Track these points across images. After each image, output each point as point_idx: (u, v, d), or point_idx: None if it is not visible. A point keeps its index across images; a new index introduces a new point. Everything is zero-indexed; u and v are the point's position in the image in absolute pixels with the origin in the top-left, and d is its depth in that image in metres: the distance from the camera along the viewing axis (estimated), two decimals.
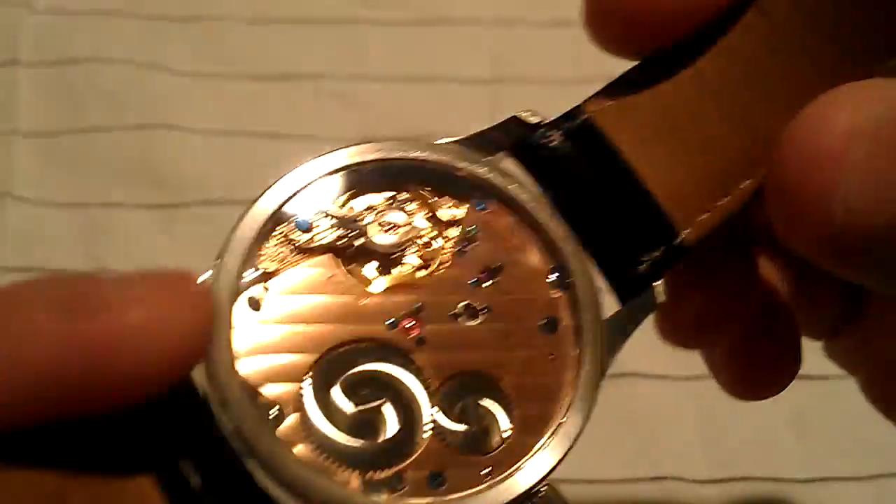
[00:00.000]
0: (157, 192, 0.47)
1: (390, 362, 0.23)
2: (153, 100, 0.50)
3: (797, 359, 0.30)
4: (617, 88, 0.26)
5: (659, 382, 0.43)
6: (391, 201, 0.25)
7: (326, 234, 0.24)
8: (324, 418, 0.22)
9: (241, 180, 0.48)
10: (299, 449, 0.22)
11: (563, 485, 0.41)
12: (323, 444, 0.22)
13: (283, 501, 0.21)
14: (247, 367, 0.22)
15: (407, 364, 0.23)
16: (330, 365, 0.23)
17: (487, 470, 0.23)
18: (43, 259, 0.46)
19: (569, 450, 0.23)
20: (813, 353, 0.44)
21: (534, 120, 0.25)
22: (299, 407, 0.22)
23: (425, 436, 0.23)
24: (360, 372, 0.23)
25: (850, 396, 0.43)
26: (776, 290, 0.30)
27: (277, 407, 0.22)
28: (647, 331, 0.45)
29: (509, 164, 0.25)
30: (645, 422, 0.42)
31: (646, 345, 0.34)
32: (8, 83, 0.50)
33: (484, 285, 0.24)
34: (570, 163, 0.25)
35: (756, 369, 0.29)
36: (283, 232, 0.24)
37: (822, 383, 0.43)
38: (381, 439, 0.23)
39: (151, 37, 0.52)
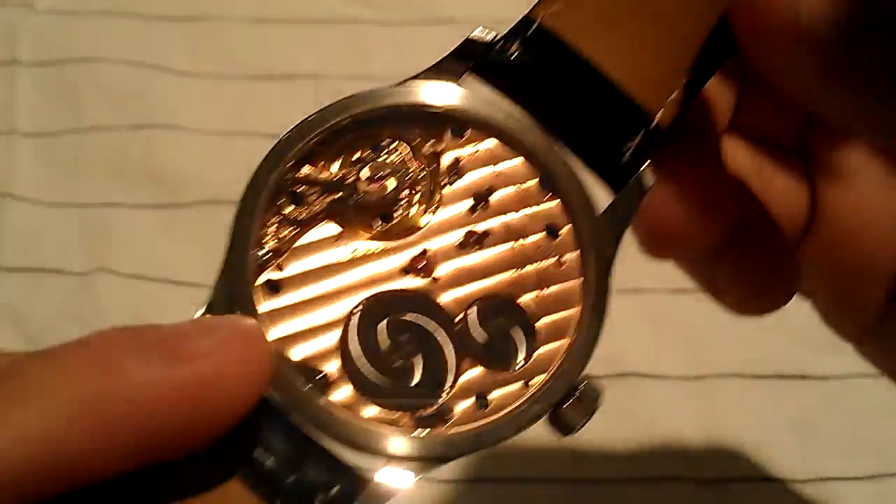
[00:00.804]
0: (157, 192, 0.48)
1: (413, 307, 0.24)
2: (153, 100, 0.50)
3: (795, 264, 0.30)
4: None
5: (659, 382, 0.43)
6: (373, 152, 0.25)
7: (320, 201, 0.25)
8: (367, 372, 0.24)
9: (240, 180, 0.48)
10: (353, 407, 0.23)
11: (563, 485, 0.41)
12: (371, 396, 0.24)
13: (350, 456, 0.23)
14: (285, 347, 0.24)
15: (428, 304, 0.24)
16: (359, 325, 0.24)
17: (525, 382, 0.24)
18: (43, 259, 0.46)
19: (595, 343, 0.24)
20: (812, 354, 0.44)
21: (489, 37, 0.26)
22: (341, 368, 0.24)
23: (461, 366, 0.24)
24: (388, 323, 0.24)
25: (850, 396, 0.43)
26: (750, 191, 0.30)
27: (322, 374, 0.24)
28: (647, 332, 0.45)
29: (475, 85, 0.25)
30: (645, 422, 0.42)
31: (646, 345, 0.34)
32: (8, 83, 0.50)
33: (480, 211, 0.25)
34: (534, 71, 0.25)
35: (757, 276, 0.29)
36: (278, 210, 0.25)
37: (822, 383, 0.43)
38: (421, 378, 0.24)
39: (151, 37, 0.52)
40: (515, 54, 0.25)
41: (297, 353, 0.24)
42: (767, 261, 0.29)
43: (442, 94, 0.25)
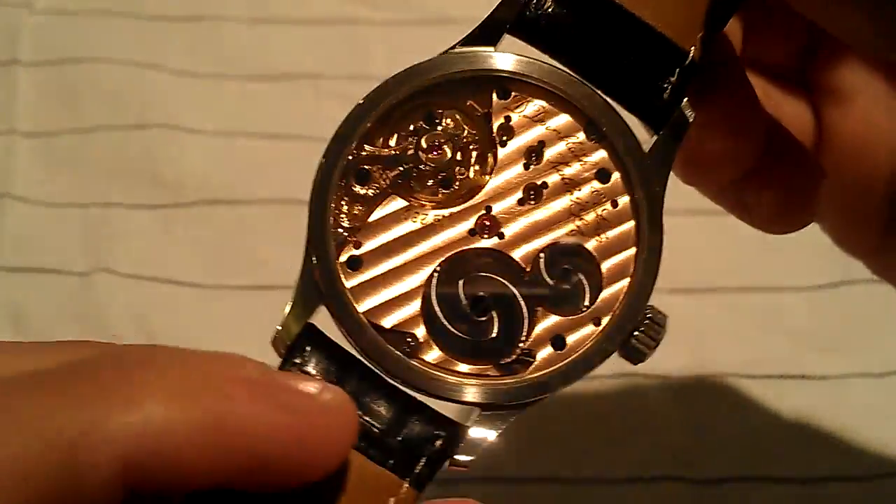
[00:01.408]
0: (157, 192, 0.48)
1: (485, 264, 0.26)
2: (153, 100, 0.50)
3: (821, 170, 0.31)
4: None
5: (658, 382, 0.43)
6: (426, 122, 0.27)
7: (384, 176, 0.26)
8: (451, 330, 0.26)
9: (241, 180, 0.48)
10: (443, 364, 0.26)
11: (562, 485, 0.41)
12: (458, 352, 0.26)
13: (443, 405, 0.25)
14: (374, 318, 0.26)
15: (499, 260, 0.26)
16: (438, 288, 0.26)
17: (595, 322, 0.26)
18: (43, 259, 0.46)
19: (655, 278, 0.26)
20: (812, 354, 0.44)
21: None
22: (427, 331, 0.26)
23: (535, 314, 0.26)
24: (464, 283, 0.26)
25: (850, 396, 0.43)
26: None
27: (412, 338, 0.26)
28: None
29: (514, 45, 0.27)
30: (645, 422, 0.42)
31: None
32: (8, 83, 0.50)
33: (534, 167, 0.26)
34: (569, 21, 0.26)
35: (789, 187, 0.30)
36: (348, 190, 0.26)
37: (822, 383, 0.43)
38: (499, 330, 0.26)
39: (151, 37, 0.52)
40: (550, 8, 0.26)
41: (387, 322, 0.26)
42: (797, 170, 0.30)
43: (484, 60, 0.26)
